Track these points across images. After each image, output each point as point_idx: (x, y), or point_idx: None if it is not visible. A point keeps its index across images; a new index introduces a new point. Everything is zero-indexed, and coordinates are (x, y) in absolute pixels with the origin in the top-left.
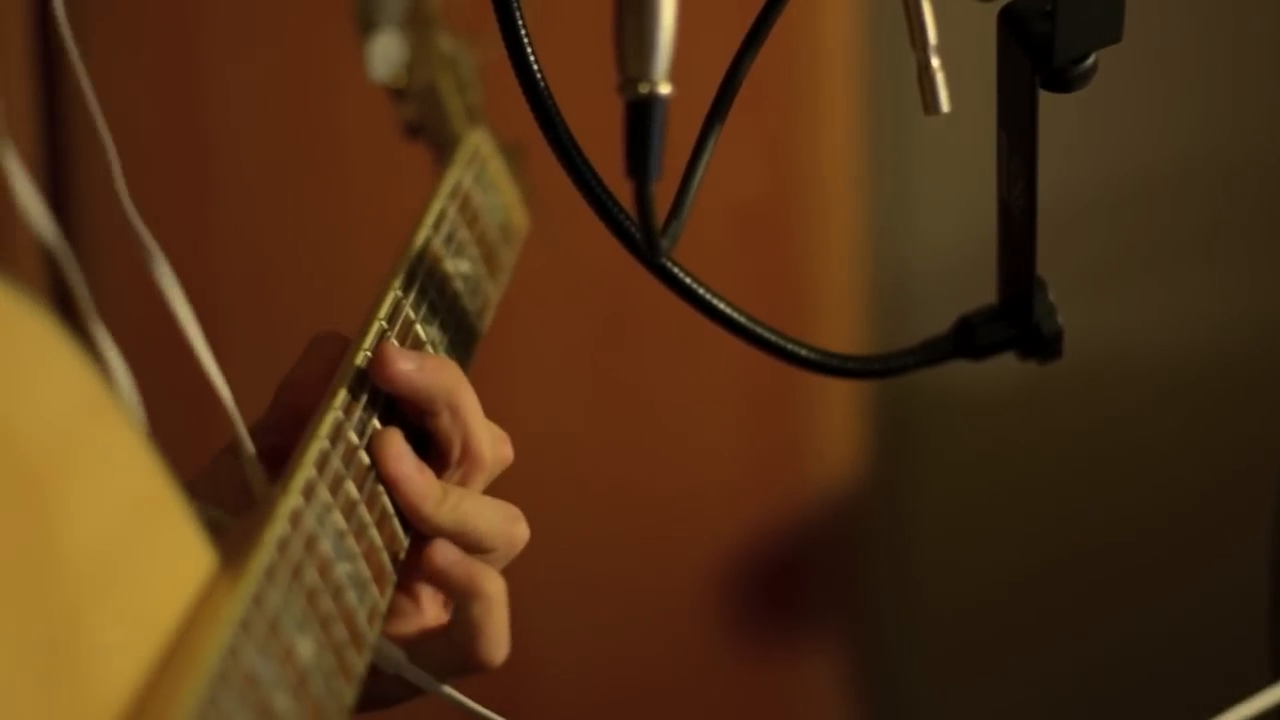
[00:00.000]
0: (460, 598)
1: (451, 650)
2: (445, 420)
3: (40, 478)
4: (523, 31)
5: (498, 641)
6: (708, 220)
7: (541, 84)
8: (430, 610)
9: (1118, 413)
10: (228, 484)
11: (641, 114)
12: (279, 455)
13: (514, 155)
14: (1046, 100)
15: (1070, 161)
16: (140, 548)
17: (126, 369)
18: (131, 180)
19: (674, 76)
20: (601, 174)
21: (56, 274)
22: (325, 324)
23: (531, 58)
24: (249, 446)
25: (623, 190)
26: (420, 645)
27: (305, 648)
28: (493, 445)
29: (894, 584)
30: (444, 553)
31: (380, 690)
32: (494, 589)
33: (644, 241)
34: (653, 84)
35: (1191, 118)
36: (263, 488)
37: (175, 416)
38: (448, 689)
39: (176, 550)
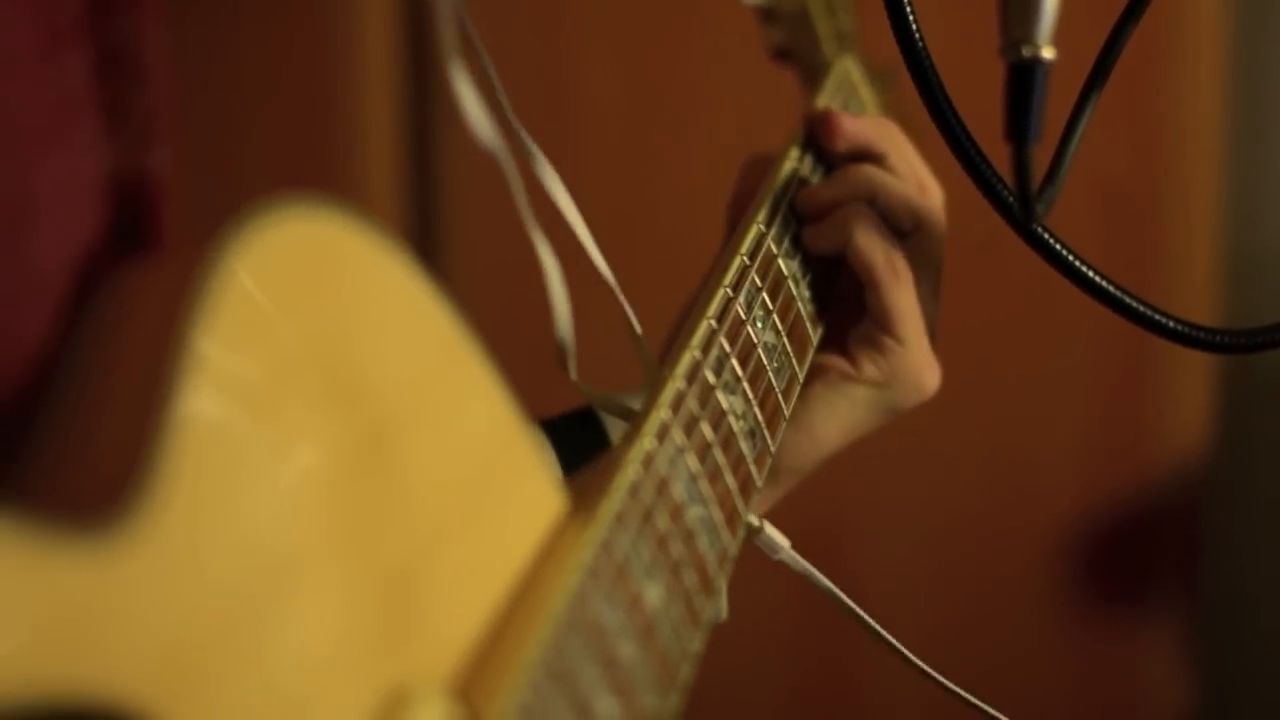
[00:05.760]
0: (873, 278)
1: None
2: (894, 160)
3: (393, 425)
4: None
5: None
6: (1068, 190)
7: (920, 46)
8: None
9: None
10: None
11: (1024, 77)
12: None
13: (884, 81)
14: None
15: None
16: (489, 493)
17: (560, 272)
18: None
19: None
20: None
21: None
22: (682, 297)
23: (913, 21)
24: (636, 326)
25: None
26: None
27: (653, 594)
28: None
29: (1237, 562)
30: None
31: None
32: (904, 265)
33: (1019, 206)
34: (1036, 47)
35: None
36: (651, 369)
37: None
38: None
39: (525, 495)
